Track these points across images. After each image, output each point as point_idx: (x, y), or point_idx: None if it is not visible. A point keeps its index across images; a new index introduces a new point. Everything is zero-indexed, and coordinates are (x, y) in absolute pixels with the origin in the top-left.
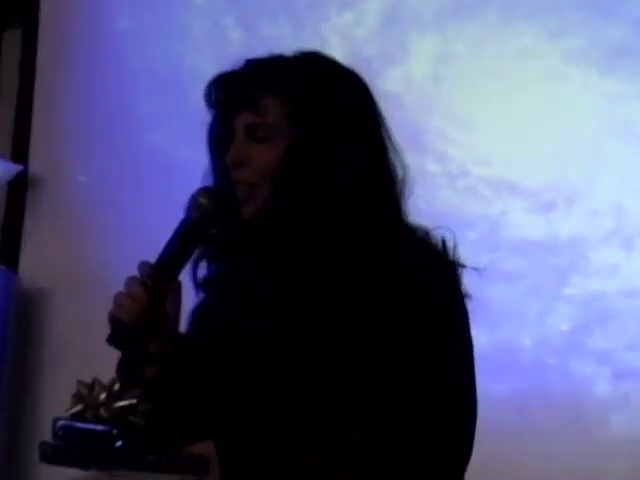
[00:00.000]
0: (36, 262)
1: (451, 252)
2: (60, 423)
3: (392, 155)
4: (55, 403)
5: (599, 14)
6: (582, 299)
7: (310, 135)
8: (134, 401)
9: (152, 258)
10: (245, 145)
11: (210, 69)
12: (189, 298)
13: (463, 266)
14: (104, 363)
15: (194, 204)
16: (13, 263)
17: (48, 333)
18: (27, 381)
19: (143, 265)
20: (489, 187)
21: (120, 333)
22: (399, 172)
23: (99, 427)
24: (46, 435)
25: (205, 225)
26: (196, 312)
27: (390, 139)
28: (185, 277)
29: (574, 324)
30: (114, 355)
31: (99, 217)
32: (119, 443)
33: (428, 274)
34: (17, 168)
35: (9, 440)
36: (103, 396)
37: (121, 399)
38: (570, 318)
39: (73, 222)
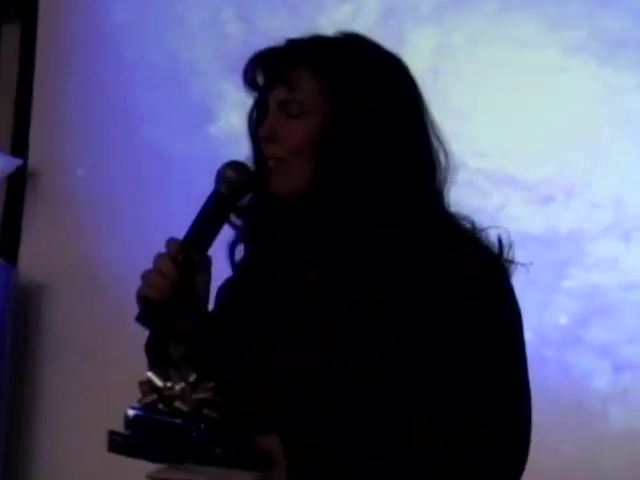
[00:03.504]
0: (35, 256)
1: (506, 251)
2: (133, 413)
3: (435, 141)
4: (54, 397)
5: (599, 5)
6: (581, 292)
7: (346, 113)
8: (209, 395)
9: (150, 251)
10: (277, 121)
11: (208, 62)
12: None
13: (515, 263)
14: (103, 357)
15: (222, 177)
16: (12, 257)
17: (47, 327)
18: (26, 375)
19: (172, 241)
20: (487, 180)
21: (150, 311)
22: (441, 159)
23: (177, 419)
24: (44, 430)
25: (233, 198)
26: (229, 290)
27: (433, 125)
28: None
29: (573, 317)
30: (113, 349)
31: (98, 211)
32: (194, 436)
33: (501, 274)
34: (16, 162)
35: (7, 435)
36: (179, 387)
37: (196, 391)
38: (569, 311)
39: (72, 216)
